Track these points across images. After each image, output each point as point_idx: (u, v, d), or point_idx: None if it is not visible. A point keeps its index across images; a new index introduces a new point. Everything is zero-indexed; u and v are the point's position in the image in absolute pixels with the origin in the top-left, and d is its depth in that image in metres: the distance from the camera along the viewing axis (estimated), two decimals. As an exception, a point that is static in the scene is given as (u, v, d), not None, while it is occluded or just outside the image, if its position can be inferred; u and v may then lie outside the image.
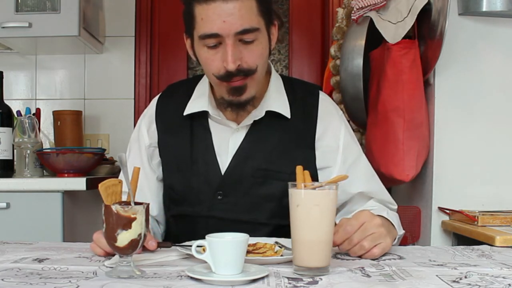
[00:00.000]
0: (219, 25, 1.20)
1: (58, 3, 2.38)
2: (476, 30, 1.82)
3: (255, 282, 0.88)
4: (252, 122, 1.34)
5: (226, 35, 1.21)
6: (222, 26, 1.20)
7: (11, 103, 2.35)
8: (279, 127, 1.35)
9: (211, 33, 1.21)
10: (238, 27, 1.20)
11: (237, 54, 1.22)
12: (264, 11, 1.25)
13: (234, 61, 1.21)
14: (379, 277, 0.92)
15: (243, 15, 1.20)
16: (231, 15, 1.19)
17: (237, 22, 1.20)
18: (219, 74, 1.25)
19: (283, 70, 3.12)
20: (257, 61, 1.25)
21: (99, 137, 2.86)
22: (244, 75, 1.25)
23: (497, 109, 1.83)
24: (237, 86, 1.26)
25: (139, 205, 0.93)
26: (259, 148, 1.33)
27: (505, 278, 0.92)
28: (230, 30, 1.20)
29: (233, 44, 1.21)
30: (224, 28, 1.20)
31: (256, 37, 1.24)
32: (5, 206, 2.05)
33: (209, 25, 1.21)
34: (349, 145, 1.40)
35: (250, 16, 1.22)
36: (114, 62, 2.88)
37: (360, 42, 1.90)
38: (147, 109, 1.48)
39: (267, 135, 1.34)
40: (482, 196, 1.81)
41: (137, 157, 1.42)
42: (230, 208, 1.33)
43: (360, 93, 1.93)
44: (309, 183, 0.98)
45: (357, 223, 1.10)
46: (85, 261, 1.05)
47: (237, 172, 1.33)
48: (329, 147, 1.37)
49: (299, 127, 1.36)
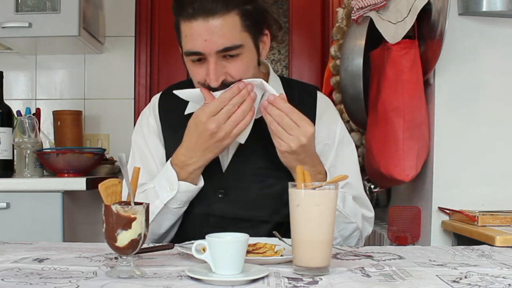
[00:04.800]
0: (200, 44, 1.21)
1: (58, 3, 2.38)
2: (476, 30, 1.82)
3: (255, 282, 0.88)
4: None
5: (207, 53, 1.21)
6: (204, 44, 1.20)
7: (11, 103, 2.35)
8: None
9: (193, 51, 1.23)
10: (220, 45, 1.20)
11: (220, 70, 1.23)
12: (249, 25, 1.24)
13: (216, 79, 1.23)
14: (379, 277, 0.92)
15: (225, 33, 1.20)
16: (212, 33, 1.20)
17: (218, 40, 1.20)
18: (204, 84, 1.26)
19: (283, 70, 3.12)
20: (242, 75, 1.25)
21: (99, 137, 2.86)
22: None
23: (497, 109, 1.83)
24: None
25: (139, 205, 0.93)
26: (259, 146, 1.34)
27: (505, 278, 0.92)
28: (212, 49, 1.21)
29: (215, 62, 1.22)
30: (205, 47, 1.21)
31: (240, 52, 1.24)
32: (5, 206, 2.05)
33: (191, 42, 1.22)
34: (343, 140, 1.43)
35: (232, 34, 1.21)
36: (114, 62, 2.88)
37: (360, 42, 1.90)
38: (148, 106, 1.48)
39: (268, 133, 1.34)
40: (482, 196, 1.81)
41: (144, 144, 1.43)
42: (230, 205, 1.34)
43: (360, 93, 1.93)
44: (309, 183, 0.98)
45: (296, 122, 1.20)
46: (85, 261, 1.05)
47: (238, 170, 1.34)
48: (326, 142, 1.40)
49: None
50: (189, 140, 1.26)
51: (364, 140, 2.15)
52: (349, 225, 1.33)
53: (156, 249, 1.14)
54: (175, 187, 1.27)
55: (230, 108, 1.21)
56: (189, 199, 1.32)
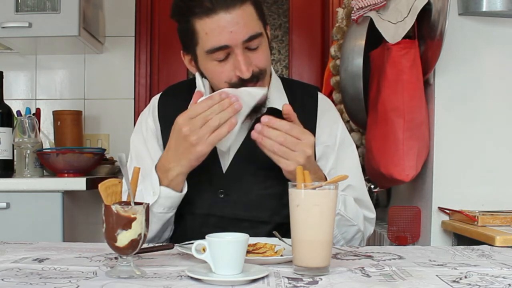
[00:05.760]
0: (226, 37, 1.21)
1: (58, 3, 2.38)
2: (476, 30, 1.82)
3: (255, 282, 0.88)
4: (253, 120, 1.35)
5: (234, 45, 1.22)
6: (230, 37, 1.21)
7: (11, 103, 2.35)
8: None
9: (219, 45, 1.22)
10: (245, 35, 1.22)
11: (248, 61, 1.24)
12: (261, 14, 1.27)
13: (248, 69, 1.23)
14: (379, 277, 0.92)
15: (247, 22, 1.22)
16: (236, 24, 1.20)
17: (243, 30, 1.21)
18: (232, 82, 1.25)
19: (283, 70, 3.12)
20: (266, 64, 1.28)
21: (99, 137, 2.86)
22: (257, 80, 1.27)
23: (497, 109, 1.83)
24: None
25: (139, 205, 0.93)
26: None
27: (505, 278, 0.92)
28: (238, 40, 1.21)
29: (242, 53, 1.23)
30: (232, 39, 1.21)
31: (260, 42, 1.26)
32: (5, 206, 2.05)
33: (216, 38, 1.21)
34: (344, 142, 1.42)
35: (252, 22, 1.23)
36: (114, 62, 2.88)
37: (360, 42, 1.90)
38: (147, 108, 1.48)
39: None
40: (482, 196, 1.81)
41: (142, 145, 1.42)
42: (231, 206, 1.34)
43: (360, 93, 1.93)
44: (309, 183, 0.98)
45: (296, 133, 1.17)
46: (85, 261, 1.05)
47: (239, 170, 1.34)
48: (327, 144, 1.39)
49: None
50: (169, 143, 1.25)
51: (364, 140, 2.15)
52: (351, 227, 1.33)
53: (156, 249, 1.14)
54: (157, 192, 1.25)
55: (208, 113, 1.17)
56: (173, 205, 1.29)
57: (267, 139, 1.17)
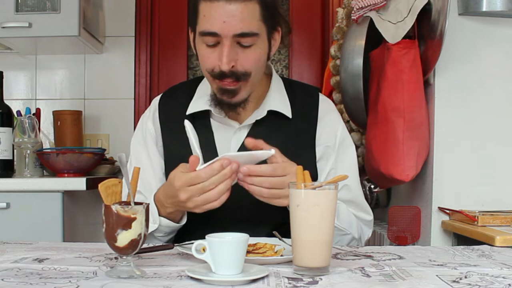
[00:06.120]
0: (219, 25, 1.21)
1: (58, 3, 2.38)
2: (476, 30, 1.82)
3: (255, 282, 0.88)
4: (254, 121, 1.36)
5: (224, 36, 1.22)
6: (222, 26, 1.21)
7: (11, 103, 2.35)
8: (281, 127, 1.37)
9: (210, 31, 1.23)
10: (237, 29, 1.21)
11: (233, 55, 1.23)
12: (267, 16, 1.26)
13: (228, 62, 1.23)
14: (379, 277, 0.92)
15: (244, 18, 1.21)
16: (232, 16, 1.21)
17: (237, 24, 1.21)
18: (213, 72, 1.26)
19: (283, 70, 3.12)
20: (252, 67, 1.26)
21: (99, 137, 2.86)
22: (237, 79, 1.26)
23: (497, 109, 1.83)
24: (229, 88, 1.28)
25: (139, 205, 0.93)
26: None
27: (505, 278, 0.92)
28: (229, 31, 1.21)
29: (230, 45, 1.22)
30: (223, 28, 1.21)
31: (254, 42, 1.25)
32: (5, 206, 2.05)
33: (210, 23, 1.22)
34: (344, 142, 1.43)
35: (250, 20, 1.23)
36: (114, 62, 2.88)
37: (360, 42, 1.90)
38: (148, 109, 1.48)
39: (269, 134, 1.34)
40: (482, 196, 1.81)
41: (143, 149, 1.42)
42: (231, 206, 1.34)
43: (360, 93, 1.93)
44: (309, 183, 0.98)
45: (282, 173, 1.15)
46: (85, 261, 1.05)
47: None
48: (327, 144, 1.40)
49: (300, 127, 1.39)
50: (165, 187, 1.24)
51: (364, 140, 2.15)
52: (345, 236, 1.34)
53: (156, 249, 1.14)
54: (157, 221, 1.26)
55: (206, 185, 1.14)
56: (173, 231, 1.30)
57: (253, 186, 1.16)
